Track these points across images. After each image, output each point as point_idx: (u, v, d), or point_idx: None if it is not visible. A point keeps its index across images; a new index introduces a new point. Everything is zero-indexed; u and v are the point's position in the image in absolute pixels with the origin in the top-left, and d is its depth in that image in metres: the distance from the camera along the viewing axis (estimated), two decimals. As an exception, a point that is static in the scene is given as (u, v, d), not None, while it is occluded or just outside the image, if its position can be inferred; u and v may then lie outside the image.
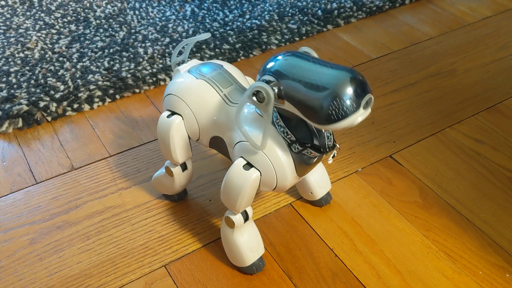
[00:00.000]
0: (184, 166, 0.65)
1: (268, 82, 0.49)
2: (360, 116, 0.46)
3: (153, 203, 0.71)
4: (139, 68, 0.93)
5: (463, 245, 0.67)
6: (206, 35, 0.60)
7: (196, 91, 0.58)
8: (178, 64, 0.64)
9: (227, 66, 0.61)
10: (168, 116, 0.60)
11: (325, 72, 0.46)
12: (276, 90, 0.48)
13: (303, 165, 0.54)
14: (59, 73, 0.91)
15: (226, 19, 1.10)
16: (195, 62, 0.63)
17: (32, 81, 0.89)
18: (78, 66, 0.93)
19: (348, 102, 0.45)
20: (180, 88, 0.59)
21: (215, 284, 0.61)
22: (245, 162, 0.54)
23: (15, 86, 0.88)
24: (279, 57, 0.50)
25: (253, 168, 0.53)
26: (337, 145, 0.54)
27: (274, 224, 0.68)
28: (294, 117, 0.51)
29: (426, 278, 0.62)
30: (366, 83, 0.46)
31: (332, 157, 0.55)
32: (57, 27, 1.05)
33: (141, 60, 0.95)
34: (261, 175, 0.54)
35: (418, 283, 0.62)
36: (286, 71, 0.48)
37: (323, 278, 0.62)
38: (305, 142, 0.52)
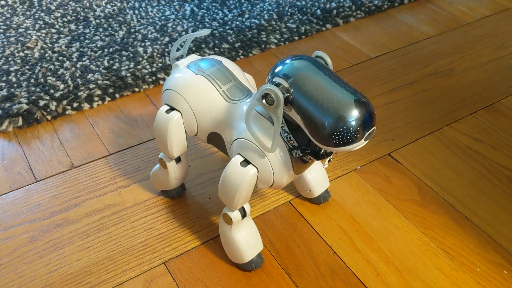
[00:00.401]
0: (178, 159, 0.65)
1: (277, 84, 0.49)
2: (359, 145, 0.47)
3: (153, 201, 0.71)
4: (139, 67, 0.94)
5: (462, 242, 0.67)
6: (205, 31, 0.60)
7: (195, 87, 0.59)
8: (177, 59, 0.64)
9: (226, 62, 0.62)
10: (167, 111, 0.60)
11: (338, 94, 0.46)
12: (286, 95, 0.48)
13: (300, 163, 0.54)
14: (59, 72, 0.92)
15: (226, 18, 1.10)
16: (194, 57, 0.63)
17: (32, 80, 0.90)
18: (78, 65, 0.93)
19: (353, 131, 0.46)
20: (178, 83, 0.60)
21: (214, 281, 0.61)
22: (242, 159, 0.54)
23: (15, 85, 0.88)
24: (291, 61, 0.49)
25: (250, 165, 0.54)
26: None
27: (273, 221, 0.69)
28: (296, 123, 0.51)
29: (425, 275, 0.63)
30: (374, 114, 0.47)
31: (328, 162, 0.55)
32: (57, 26, 1.05)
33: (140, 59, 0.96)
34: (258, 172, 0.54)
35: (417, 280, 0.62)
36: (298, 78, 0.48)
37: (321, 276, 0.62)
38: (305, 149, 0.52)
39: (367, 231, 0.67)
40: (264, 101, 0.48)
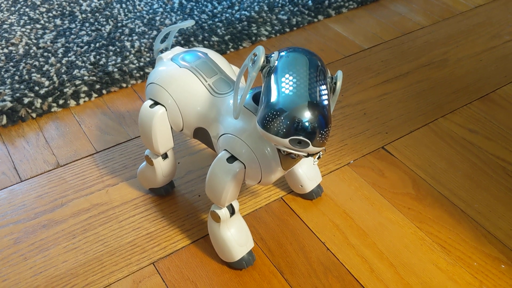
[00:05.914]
0: (165, 155, 0.63)
1: (269, 55, 0.48)
2: (280, 143, 0.45)
3: (141, 200, 0.69)
4: (126, 62, 0.91)
5: (457, 236, 0.65)
6: (189, 22, 0.58)
7: (179, 80, 0.57)
8: (161, 52, 0.62)
9: (212, 54, 0.60)
10: (151, 106, 0.58)
11: (300, 91, 0.45)
12: (268, 65, 0.47)
13: (288, 158, 0.52)
14: (44, 69, 0.89)
15: (215, 10, 1.08)
16: (178, 49, 0.61)
17: (16, 77, 0.87)
18: (64, 61, 0.91)
19: (282, 124, 0.44)
20: (162, 77, 0.58)
21: (205, 281, 0.60)
22: (229, 155, 0.52)
23: (-2, 82, 0.86)
24: (294, 50, 0.48)
25: (237, 161, 0.52)
26: (324, 147, 0.53)
27: (264, 218, 0.67)
28: None
29: (420, 270, 0.61)
30: (312, 127, 0.44)
31: (318, 158, 0.53)
32: (42, 21, 1.02)
33: (127, 54, 0.93)
34: (245, 168, 0.52)
35: (412, 276, 0.60)
36: (286, 61, 0.47)
37: (314, 273, 0.61)
38: None
39: (360, 227, 0.66)
40: (251, 58, 0.48)
